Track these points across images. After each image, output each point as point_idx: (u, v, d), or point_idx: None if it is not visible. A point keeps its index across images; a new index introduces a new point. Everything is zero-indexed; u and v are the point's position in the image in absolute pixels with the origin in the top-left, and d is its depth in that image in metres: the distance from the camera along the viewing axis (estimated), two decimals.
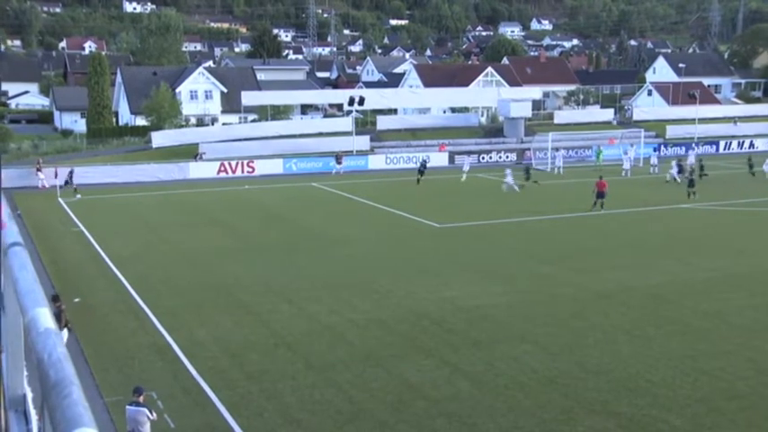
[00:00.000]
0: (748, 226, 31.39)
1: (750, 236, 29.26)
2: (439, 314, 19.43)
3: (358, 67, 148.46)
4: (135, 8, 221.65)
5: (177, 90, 71.74)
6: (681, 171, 44.88)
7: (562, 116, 67.46)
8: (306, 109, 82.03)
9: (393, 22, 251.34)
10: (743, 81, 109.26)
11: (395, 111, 71.14)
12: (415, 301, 20.63)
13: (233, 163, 49.88)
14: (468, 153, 53.04)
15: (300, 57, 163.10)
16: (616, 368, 15.70)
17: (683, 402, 14.10)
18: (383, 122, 61.23)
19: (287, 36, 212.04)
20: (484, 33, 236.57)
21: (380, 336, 17.92)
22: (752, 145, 63.01)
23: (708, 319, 18.85)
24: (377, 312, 19.69)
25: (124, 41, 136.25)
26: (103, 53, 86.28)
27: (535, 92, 68.78)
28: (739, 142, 63.57)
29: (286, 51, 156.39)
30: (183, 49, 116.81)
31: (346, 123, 58.22)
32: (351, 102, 56.27)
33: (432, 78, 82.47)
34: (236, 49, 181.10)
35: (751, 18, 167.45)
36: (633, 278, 22.86)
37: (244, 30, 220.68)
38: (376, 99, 61.34)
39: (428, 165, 45.99)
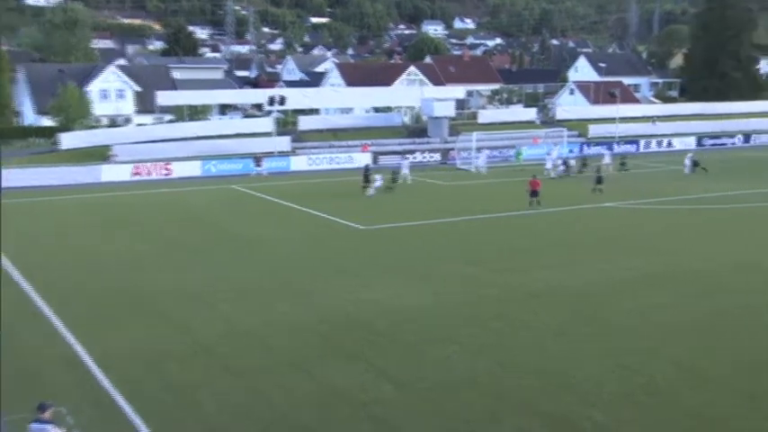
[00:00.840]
0: (669, 225, 32.65)
1: (670, 234, 30.46)
2: (363, 316, 19.50)
3: (278, 66, 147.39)
4: (37, 0, 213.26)
5: (87, 89, 69.55)
6: (567, 168, 46.93)
7: (486, 115, 68.70)
8: (225, 109, 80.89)
9: (314, 19, 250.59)
10: (660, 81, 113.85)
11: (317, 111, 70.94)
12: (338, 303, 20.65)
13: (148, 165, 48.73)
14: (403, 154, 53.20)
15: (218, 55, 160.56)
16: (542, 367, 16.10)
17: (607, 398, 14.59)
18: (305, 123, 60.99)
19: (203, 33, 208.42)
20: (407, 32, 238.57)
21: (303, 339, 17.86)
22: (669, 144, 65.67)
23: (631, 317, 19.55)
24: (299, 315, 19.62)
25: (26, 36, 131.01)
26: (3, 48, 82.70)
27: (459, 91, 69.80)
28: (658, 141, 66.15)
29: (203, 49, 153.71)
30: (93, 45, 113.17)
31: (267, 124, 57.72)
32: (271, 101, 55.82)
33: (354, 77, 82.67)
34: (150, 47, 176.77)
35: (666, 19, 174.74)
36: (560, 277, 23.47)
37: (157, 26, 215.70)
38: (297, 99, 61.04)
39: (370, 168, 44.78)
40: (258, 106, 73.13)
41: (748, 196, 39.08)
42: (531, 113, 70.47)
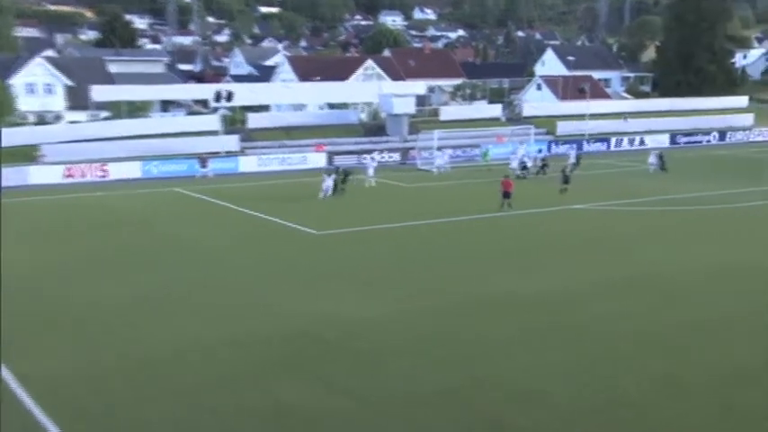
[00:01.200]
0: (640, 227, 33.29)
1: (641, 237, 31.06)
2: (317, 328, 19.52)
3: (225, 59, 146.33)
4: None
5: (10, 82, 68.21)
6: (524, 168, 47.89)
7: (448, 112, 69.31)
8: (167, 105, 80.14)
9: (263, 9, 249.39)
10: (632, 75, 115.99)
11: (267, 107, 70.73)
12: (292, 314, 20.63)
13: (82, 166, 48.01)
14: (371, 154, 53.30)
15: (159, 47, 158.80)
16: (511, 379, 16.29)
17: (581, 411, 14.81)
18: (254, 120, 60.77)
19: (142, 23, 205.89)
20: (363, 23, 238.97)
21: (253, 353, 17.81)
22: (642, 142, 66.95)
23: (602, 325, 19.88)
24: (248, 327, 19.55)
25: None
26: None
27: (419, 86, 70.28)
28: (630, 139, 67.37)
29: (142, 40, 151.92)
30: (16, 34, 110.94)
31: (213, 121, 57.38)
32: (218, 97, 55.52)
33: (307, 71, 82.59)
34: (83, 37, 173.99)
35: (637, 9, 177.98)
36: (524, 284, 23.77)
37: (90, 14, 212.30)
38: (246, 94, 60.82)
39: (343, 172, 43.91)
40: (203, 103, 72.63)
41: (722, 197, 40.06)
42: (496, 110, 71.26)
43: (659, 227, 33.11)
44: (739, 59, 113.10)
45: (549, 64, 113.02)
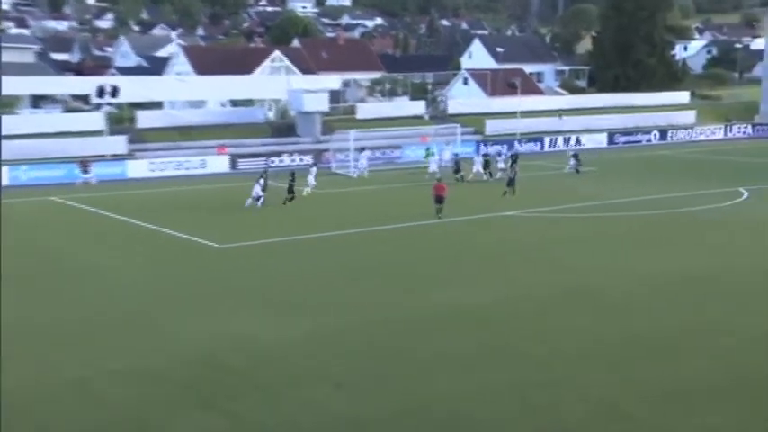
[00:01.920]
0: (579, 235, 34.11)
1: (581, 246, 31.79)
2: (221, 355, 19.26)
3: (109, 49, 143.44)
4: None
5: None
6: (457, 170, 48.78)
7: (366, 110, 69.62)
8: (38, 101, 77.87)
9: None
10: (566, 68, 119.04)
11: (160, 104, 69.59)
12: (191, 340, 20.30)
13: None
14: (313, 159, 53.03)
15: (27, 32, 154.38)
16: (440, 405, 16.37)
17: None
18: (145, 119, 59.76)
19: (5, 4, 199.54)
20: (269, 9, 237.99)
21: (147, 387, 17.42)
22: (578, 141, 68.66)
23: (538, 343, 20.21)
24: (142, 358, 19.13)
25: None
26: None
27: (333, 81, 70.36)
28: (565, 138, 69.03)
29: (5, 24, 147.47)
30: None
31: (96, 120, 56.08)
32: (101, 92, 54.28)
33: (205, 64, 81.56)
34: None
35: None
36: (457, 298, 24.00)
37: None
38: (134, 89, 59.70)
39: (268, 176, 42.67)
40: (84, 98, 70.87)
41: (665, 201, 41.36)
42: (418, 107, 71.98)
43: (599, 234, 33.93)
44: (680, 51, 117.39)
45: (477, 56, 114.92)
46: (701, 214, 38.25)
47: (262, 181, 40.77)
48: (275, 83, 69.72)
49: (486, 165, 50.09)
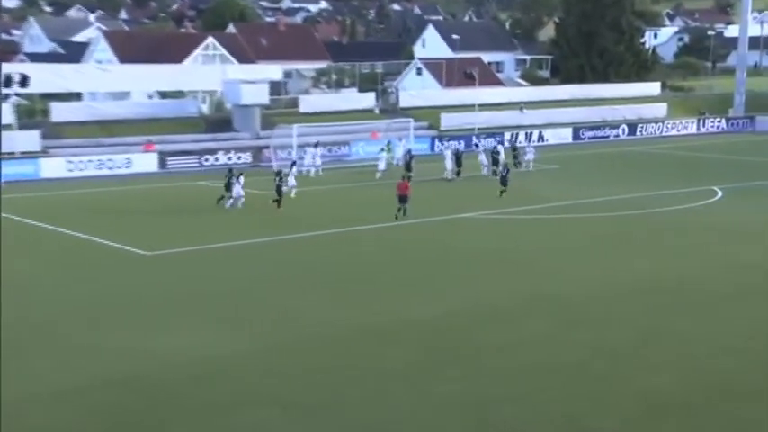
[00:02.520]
0: (545, 238, 34.54)
1: (547, 250, 32.18)
2: (151, 374, 19.15)
3: (16, 32, 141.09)
4: None
5: None
6: (409, 168, 48.76)
7: (310, 103, 69.49)
8: None
9: None
10: (528, 57, 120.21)
11: (78, 96, 68.69)
12: (117, 358, 20.13)
13: None
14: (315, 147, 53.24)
15: None
16: (388, 428, 16.51)
17: None
18: (60, 112, 58.91)
19: None
20: None
21: (69, 413, 17.26)
22: (541, 137, 69.35)
23: (500, 356, 20.42)
24: (64, 379, 18.94)
25: None
26: None
27: (273, 71, 70.09)
28: (527, 133, 69.49)
29: None
30: None
31: (3, 113, 55.05)
32: (7, 81, 53.22)
33: (130, 51, 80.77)
34: None
35: None
36: (412, 308, 24.16)
37: None
38: (47, 78, 58.88)
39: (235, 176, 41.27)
40: None
41: (634, 202, 41.97)
42: (368, 100, 71.99)
43: (562, 238, 34.39)
44: (649, 39, 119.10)
45: (431, 44, 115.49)
46: (671, 215, 38.92)
47: (242, 179, 40.55)
48: (209, 73, 69.28)
49: (495, 162, 49.95)
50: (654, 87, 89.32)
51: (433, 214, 38.54)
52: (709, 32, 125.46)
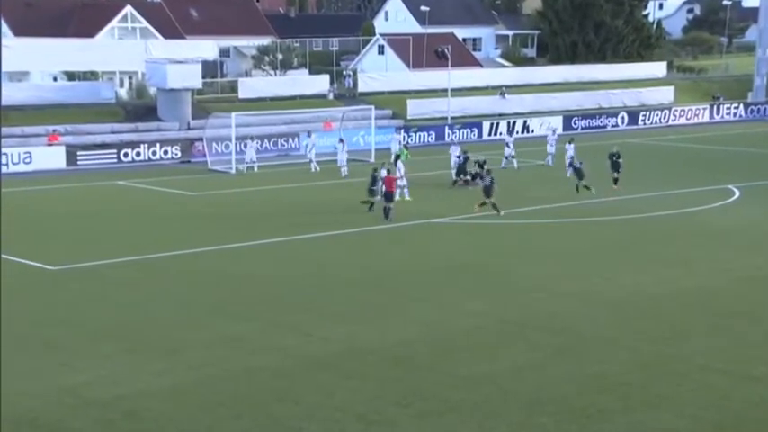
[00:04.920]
0: (519, 249, 34.58)
1: (529, 260, 32.31)
2: (55, 414, 18.91)
3: None
4: None
5: None
6: (374, 183, 48.33)
7: (251, 87, 69.37)
8: None
9: None
10: (510, 33, 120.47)
11: None
12: (14, 396, 19.77)
13: None
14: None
15: None
16: None
17: None
18: None
19: None
20: None
21: None
22: (526, 127, 69.49)
23: (474, 388, 20.27)
24: None
25: None
26: None
27: (207, 48, 69.95)
28: (510, 123, 69.68)
29: None
30: None
31: None
32: None
33: (27, 23, 79.97)
34: None
35: None
36: (368, 334, 24.01)
37: None
38: None
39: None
40: None
41: (632, 204, 42.25)
42: (321, 83, 71.90)
43: (547, 247, 34.54)
44: (653, 10, 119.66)
45: (395, 18, 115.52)
46: (680, 220, 39.21)
47: (401, 165, 42.84)
48: (127, 50, 69.14)
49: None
50: (659, 68, 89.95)
51: (402, 219, 38.48)
52: (725, 2, 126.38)
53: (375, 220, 38.30)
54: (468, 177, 46.53)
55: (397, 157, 48.65)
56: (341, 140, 53.00)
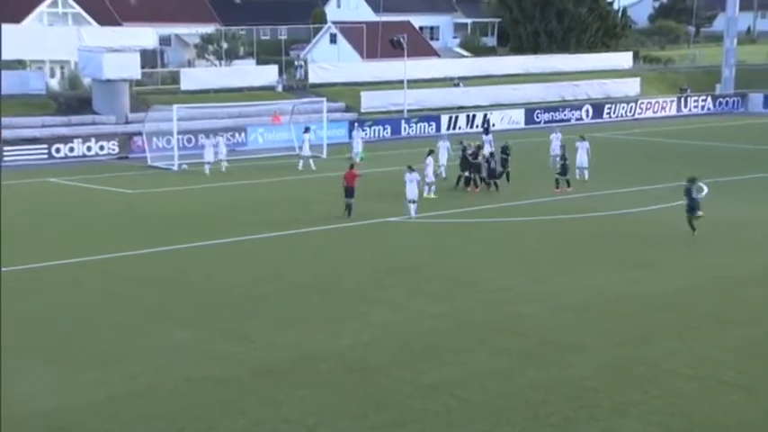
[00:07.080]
0: (477, 250, 34.59)
1: (492, 262, 32.41)
2: None
3: None
4: None
5: None
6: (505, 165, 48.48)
7: (194, 78, 69.05)
8: None
9: None
10: (469, 21, 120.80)
11: None
12: None
13: None
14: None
15: None
16: None
17: None
18: None
19: None
20: None
21: None
22: (486, 121, 69.57)
23: (434, 397, 20.23)
24: None
25: None
26: None
27: (146, 36, 69.52)
28: (468, 116, 69.84)
29: None
30: None
31: None
32: None
33: None
34: None
35: None
36: (320, 339, 23.95)
37: None
38: None
39: None
40: None
41: (594, 201, 42.56)
42: (268, 74, 71.69)
43: (506, 248, 34.70)
44: None
45: (348, 4, 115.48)
46: (645, 218, 39.52)
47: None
48: (59, 37, 68.52)
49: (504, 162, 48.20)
50: (624, 58, 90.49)
51: (358, 218, 38.47)
52: None
53: (330, 219, 38.20)
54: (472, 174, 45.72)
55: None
56: (306, 130, 52.64)
